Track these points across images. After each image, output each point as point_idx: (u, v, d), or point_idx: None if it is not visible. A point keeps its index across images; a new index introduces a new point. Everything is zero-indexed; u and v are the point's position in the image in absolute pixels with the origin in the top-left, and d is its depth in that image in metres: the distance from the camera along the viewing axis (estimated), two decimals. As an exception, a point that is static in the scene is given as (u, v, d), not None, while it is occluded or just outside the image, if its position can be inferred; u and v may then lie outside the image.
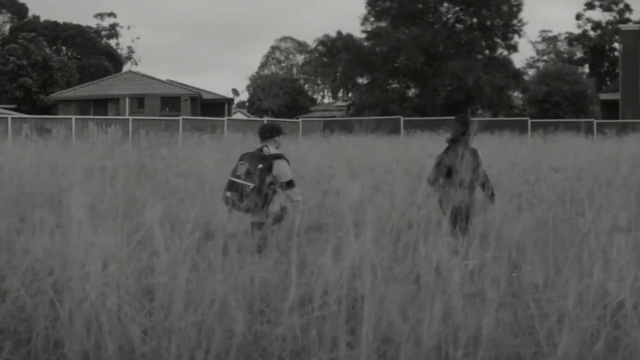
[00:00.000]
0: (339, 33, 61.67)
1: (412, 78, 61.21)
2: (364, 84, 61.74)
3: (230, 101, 68.14)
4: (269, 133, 9.07)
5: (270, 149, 8.85)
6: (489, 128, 35.96)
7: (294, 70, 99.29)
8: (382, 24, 61.03)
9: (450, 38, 59.48)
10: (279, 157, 8.76)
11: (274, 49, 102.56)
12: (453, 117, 10.43)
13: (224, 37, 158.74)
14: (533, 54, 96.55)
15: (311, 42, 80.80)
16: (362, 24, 62.46)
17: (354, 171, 14.71)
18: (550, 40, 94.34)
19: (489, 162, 12.73)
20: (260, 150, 8.86)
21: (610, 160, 17.77)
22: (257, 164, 8.58)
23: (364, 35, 61.86)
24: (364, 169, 14.85)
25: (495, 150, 22.16)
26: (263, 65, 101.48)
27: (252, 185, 8.44)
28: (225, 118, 44.46)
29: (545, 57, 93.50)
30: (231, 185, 8.63)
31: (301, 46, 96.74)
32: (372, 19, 61.68)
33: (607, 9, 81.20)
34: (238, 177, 8.60)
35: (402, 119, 44.46)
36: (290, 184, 8.73)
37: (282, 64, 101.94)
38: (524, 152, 21.91)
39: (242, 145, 27.92)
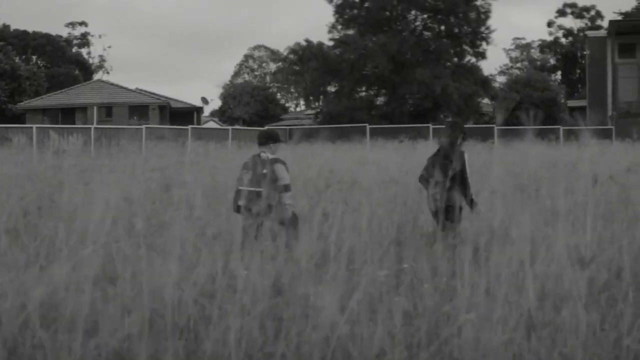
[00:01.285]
0: (307, 41, 61.25)
1: (380, 86, 60.87)
2: (332, 92, 61.23)
3: (199, 110, 67.73)
4: (264, 139, 9.49)
5: (269, 155, 9.27)
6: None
7: (268, 78, 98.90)
8: (350, 32, 60.65)
9: (418, 45, 58.89)
10: (277, 161, 9.23)
11: (247, 57, 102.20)
12: (421, 125, 11.40)
13: (199, 46, 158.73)
14: (507, 61, 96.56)
15: (284, 51, 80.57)
16: (330, 32, 62.22)
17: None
18: (523, 47, 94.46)
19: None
20: (259, 156, 9.27)
21: (554, 167, 17.54)
22: (261, 170, 9.06)
23: (332, 44, 61.33)
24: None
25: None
26: (237, 73, 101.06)
27: (262, 190, 8.77)
28: (190, 127, 44.00)
29: (518, 65, 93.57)
30: (241, 194, 9.05)
31: (274, 54, 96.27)
32: (339, 27, 61.39)
33: (578, 16, 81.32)
34: (245, 185, 9.07)
35: (367, 126, 44.17)
36: (286, 188, 9.15)
37: (256, 73, 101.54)
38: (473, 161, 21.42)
39: (201, 153, 27.75)
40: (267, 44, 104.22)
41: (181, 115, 63.10)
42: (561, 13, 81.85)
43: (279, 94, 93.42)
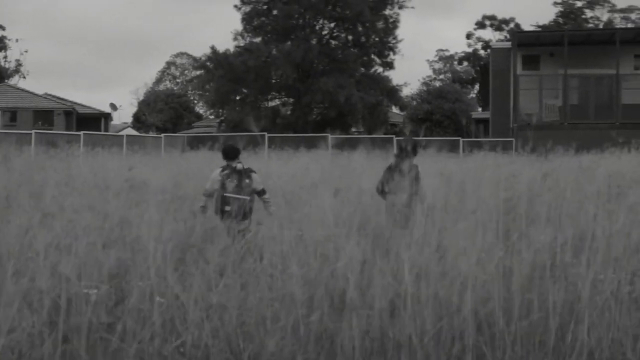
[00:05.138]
0: (212, 48, 59.97)
1: (286, 94, 60.08)
2: (236, 100, 59.88)
3: (107, 116, 66.29)
4: (233, 155, 11.01)
5: (242, 165, 10.75)
6: (345, 146, 35.28)
7: (189, 86, 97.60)
8: (258, 39, 59.69)
9: (325, 54, 58.26)
10: (252, 170, 10.83)
11: (169, 64, 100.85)
12: (319, 134, 16.28)
13: (123, 52, 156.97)
14: (430, 72, 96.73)
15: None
16: (235, 39, 61.29)
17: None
18: (446, 59, 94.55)
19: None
20: (234, 167, 10.64)
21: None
22: (243, 179, 10.44)
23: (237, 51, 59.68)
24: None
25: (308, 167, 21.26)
26: (158, 80, 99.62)
27: (248, 197, 10.33)
28: (82, 132, 42.68)
29: (441, 76, 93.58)
30: (228, 201, 10.26)
31: (197, 62, 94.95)
32: (247, 35, 60.43)
33: (497, 28, 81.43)
34: (230, 193, 10.31)
35: (266, 135, 43.29)
36: (264, 192, 10.81)
37: (177, 80, 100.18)
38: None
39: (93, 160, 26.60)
40: (192, 52, 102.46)
41: (89, 121, 61.76)
42: (480, 25, 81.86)
43: (200, 102, 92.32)
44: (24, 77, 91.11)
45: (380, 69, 61.21)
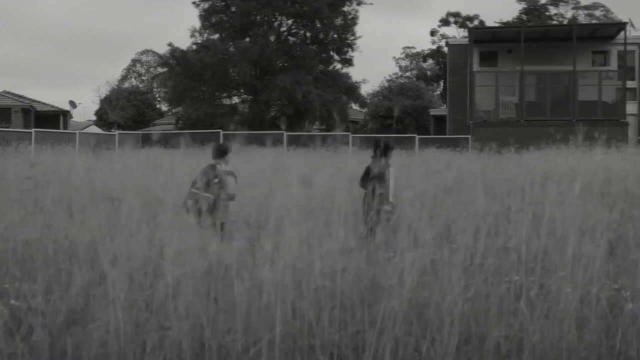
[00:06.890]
0: (170, 45, 59.37)
1: (243, 91, 59.51)
2: (193, 97, 59.19)
3: (66, 113, 65.65)
4: (219, 153, 11.31)
5: (223, 166, 11.03)
6: (301, 143, 35.11)
7: (155, 83, 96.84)
8: (216, 36, 59.08)
9: (283, 51, 57.82)
10: (229, 173, 10.92)
11: (135, 62, 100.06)
12: (275, 132, 18.64)
13: (89, 50, 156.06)
14: (396, 69, 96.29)
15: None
16: (192, 36, 60.67)
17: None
18: (413, 56, 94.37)
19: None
20: (214, 166, 10.97)
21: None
22: (213, 179, 10.62)
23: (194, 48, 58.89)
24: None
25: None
26: (124, 78, 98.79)
27: (210, 196, 10.25)
28: (33, 130, 42.18)
29: (408, 74, 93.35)
30: (191, 196, 10.28)
31: (162, 59, 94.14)
32: (205, 32, 59.72)
33: (462, 25, 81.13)
34: (198, 189, 10.32)
35: (221, 132, 43.03)
36: (232, 197, 10.72)
37: (143, 77, 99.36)
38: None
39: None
40: (159, 50, 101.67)
41: (47, 119, 61.17)
42: (444, 22, 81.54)
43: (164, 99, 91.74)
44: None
45: (339, 66, 60.63)
